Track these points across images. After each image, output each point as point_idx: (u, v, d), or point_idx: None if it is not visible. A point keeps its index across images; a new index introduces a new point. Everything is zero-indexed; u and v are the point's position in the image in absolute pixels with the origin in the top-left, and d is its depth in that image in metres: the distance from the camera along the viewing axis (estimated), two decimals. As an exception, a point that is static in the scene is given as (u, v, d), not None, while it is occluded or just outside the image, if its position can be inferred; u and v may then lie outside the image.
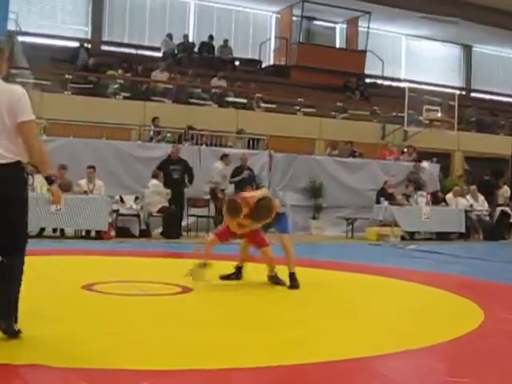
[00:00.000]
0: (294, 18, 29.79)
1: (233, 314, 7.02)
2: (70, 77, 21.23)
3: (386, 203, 19.07)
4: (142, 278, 8.77)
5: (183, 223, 17.48)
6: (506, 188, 22.53)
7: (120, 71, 22.56)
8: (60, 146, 17.13)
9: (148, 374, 4.54)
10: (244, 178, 18.04)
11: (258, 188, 18.79)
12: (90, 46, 25.88)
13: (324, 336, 6.08)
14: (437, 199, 20.46)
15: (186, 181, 17.42)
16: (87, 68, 22.65)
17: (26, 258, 5.44)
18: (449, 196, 20.60)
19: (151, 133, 20.02)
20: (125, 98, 21.46)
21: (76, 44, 24.83)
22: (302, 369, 4.90)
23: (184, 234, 17.22)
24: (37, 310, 6.52)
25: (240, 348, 5.47)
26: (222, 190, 17.81)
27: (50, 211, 14.63)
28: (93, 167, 16.19)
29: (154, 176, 16.69)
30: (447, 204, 20.40)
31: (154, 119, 19.96)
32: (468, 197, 20.77)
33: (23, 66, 20.77)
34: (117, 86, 21.65)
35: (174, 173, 17.22)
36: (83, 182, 16.04)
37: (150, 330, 6.01)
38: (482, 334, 6.24)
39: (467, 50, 36.45)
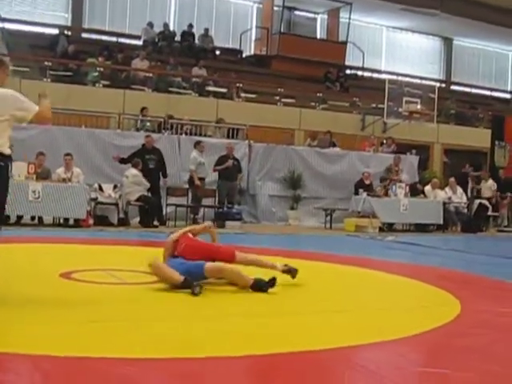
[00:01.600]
0: (276, 8, 29.81)
1: (209, 303, 6.99)
2: (50, 64, 21.12)
3: (365, 194, 19.11)
4: (120, 267, 8.74)
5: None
6: (491, 182, 22.53)
7: (100, 59, 22.44)
8: (38, 133, 17.04)
9: (124, 361, 4.53)
10: (228, 167, 18.10)
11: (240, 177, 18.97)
12: (70, 33, 25.76)
13: (301, 326, 6.08)
14: (415, 191, 20.51)
15: (160, 174, 17.40)
16: (67, 55, 22.51)
17: (4, 246, 5.42)
18: (427, 188, 20.66)
19: (139, 122, 19.95)
20: (104, 86, 21.37)
21: (56, 31, 24.71)
22: (277, 358, 4.90)
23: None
24: (13, 297, 6.51)
25: (216, 337, 5.46)
26: (201, 179, 17.81)
27: (28, 199, 14.58)
28: (70, 154, 16.10)
29: (134, 165, 16.64)
30: (425, 196, 20.46)
31: (143, 109, 19.93)
32: (446, 189, 20.85)
33: (2, 52, 20.60)
34: (96, 73, 21.54)
35: (150, 162, 17.16)
36: (61, 170, 15.95)
37: (128, 319, 5.99)
38: (459, 326, 6.26)
39: (448, 42, 36.60)
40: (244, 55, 29.86)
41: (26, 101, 6.43)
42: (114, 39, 27.24)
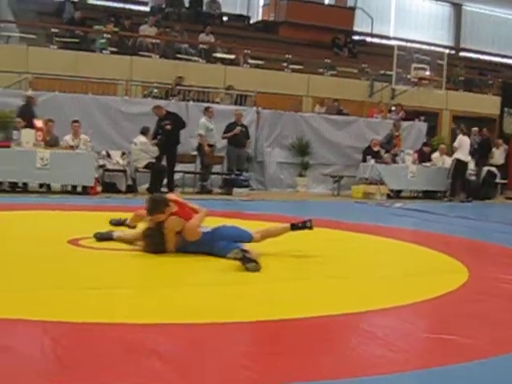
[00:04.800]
0: (283, -26, 29.54)
1: (216, 270, 6.97)
2: (57, 30, 21.01)
3: (373, 161, 19.08)
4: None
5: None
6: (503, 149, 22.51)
7: (107, 26, 22.31)
8: (45, 100, 17.05)
9: (132, 327, 4.56)
10: (236, 134, 18.07)
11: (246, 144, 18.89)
12: (76, -1, 25.59)
13: (308, 292, 6.10)
14: (423, 155, 20.36)
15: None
16: (73, 22, 22.40)
17: (12, 213, 5.43)
18: (435, 155, 20.59)
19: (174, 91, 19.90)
20: (112, 52, 21.28)
21: (62, -3, 24.53)
22: (284, 324, 4.92)
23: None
24: (20, 264, 6.55)
25: (224, 302, 5.49)
26: (211, 145, 17.78)
27: (35, 166, 14.61)
28: (77, 121, 16.10)
29: (143, 132, 16.57)
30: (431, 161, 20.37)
31: (179, 78, 19.91)
32: (455, 155, 20.75)
33: (9, 19, 20.54)
34: (104, 40, 21.44)
35: (167, 126, 16.96)
36: (69, 137, 15.96)
37: (134, 285, 6.04)
38: (467, 292, 6.28)
39: (457, 8, 36.31)
40: (252, 21, 29.68)
41: None
42: (121, 5, 27.08)
